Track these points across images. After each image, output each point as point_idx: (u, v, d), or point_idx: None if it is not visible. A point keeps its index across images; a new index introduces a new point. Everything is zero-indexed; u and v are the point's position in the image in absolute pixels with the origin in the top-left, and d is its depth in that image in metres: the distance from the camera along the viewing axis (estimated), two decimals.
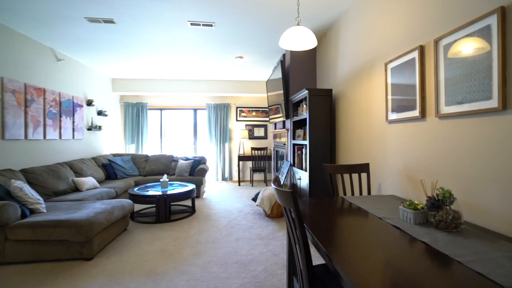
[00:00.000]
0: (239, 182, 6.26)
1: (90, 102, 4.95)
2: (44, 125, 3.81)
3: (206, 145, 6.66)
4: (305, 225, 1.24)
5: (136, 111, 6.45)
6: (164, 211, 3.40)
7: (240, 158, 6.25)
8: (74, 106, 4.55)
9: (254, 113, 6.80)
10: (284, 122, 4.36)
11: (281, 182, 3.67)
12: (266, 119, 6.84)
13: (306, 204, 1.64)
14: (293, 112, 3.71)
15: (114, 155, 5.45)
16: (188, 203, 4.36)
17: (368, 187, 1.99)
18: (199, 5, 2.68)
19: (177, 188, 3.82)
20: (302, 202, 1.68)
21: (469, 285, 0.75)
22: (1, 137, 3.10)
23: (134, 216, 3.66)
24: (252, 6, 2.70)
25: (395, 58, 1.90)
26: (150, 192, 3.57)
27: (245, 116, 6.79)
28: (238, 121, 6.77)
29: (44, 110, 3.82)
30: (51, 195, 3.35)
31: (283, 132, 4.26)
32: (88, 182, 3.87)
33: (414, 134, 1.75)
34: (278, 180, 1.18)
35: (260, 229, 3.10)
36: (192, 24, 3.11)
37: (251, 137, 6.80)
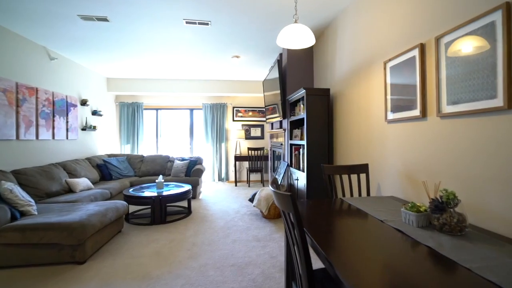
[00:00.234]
0: (236, 182, 6.21)
1: (84, 102, 4.86)
2: (36, 125, 3.72)
3: (202, 145, 6.60)
4: (304, 229, 1.20)
5: (131, 111, 6.37)
6: (159, 213, 3.34)
7: (236, 158, 6.20)
8: (68, 105, 4.45)
9: (250, 113, 6.75)
10: (281, 122, 4.32)
11: (278, 182, 3.63)
12: (263, 119, 6.80)
13: (304, 206, 1.60)
14: (290, 112, 3.67)
15: (109, 156, 5.37)
16: (184, 204, 4.30)
17: (367, 188, 1.96)
18: (195, 3, 2.63)
19: (172, 189, 3.76)
20: (300, 204, 1.64)
21: None
22: None
23: (129, 217, 3.59)
24: (248, 5, 2.66)
25: (395, 56, 1.87)
26: (145, 193, 3.50)
27: (241, 116, 6.74)
28: (234, 121, 6.72)
29: (36, 110, 3.73)
30: (44, 197, 3.26)
31: (280, 132, 4.22)
32: (81, 183, 3.79)
33: (414, 134, 1.72)
34: (276, 182, 1.13)
35: (257, 230, 3.06)
36: (187, 22, 3.05)
37: (248, 137, 6.75)
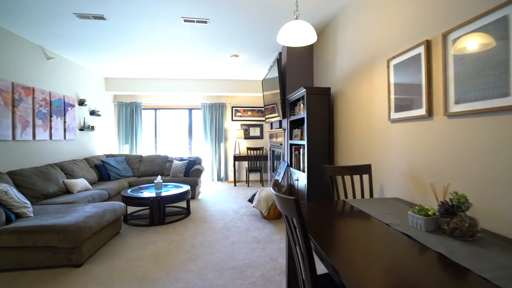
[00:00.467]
0: (235, 182, 6.17)
1: (82, 102, 4.81)
2: (33, 125, 3.68)
3: (201, 145, 6.56)
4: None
5: (130, 111, 6.32)
6: (158, 214, 3.31)
7: (235, 158, 6.17)
8: (66, 105, 4.41)
9: (249, 112, 6.72)
10: (280, 121, 4.29)
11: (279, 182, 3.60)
12: (262, 119, 6.77)
13: (306, 208, 1.57)
14: (290, 111, 3.64)
15: (108, 156, 5.32)
16: (183, 205, 4.27)
17: (370, 189, 1.93)
18: (193, 0, 2.58)
19: (171, 189, 3.73)
20: (302, 206, 1.61)
21: None
22: None
23: (128, 218, 3.55)
24: (247, 2, 2.62)
25: (399, 54, 1.83)
26: (144, 194, 3.47)
27: (240, 115, 6.71)
28: (233, 120, 6.69)
29: (33, 110, 3.68)
30: (41, 198, 3.22)
31: (280, 132, 4.19)
32: (79, 184, 3.75)
33: (419, 134, 1.68)
34: (278, 184, 1.09)
35: (257, 231, 3.03)
36: (185, 20, 3.01)
37: (247, 137, 6.71)
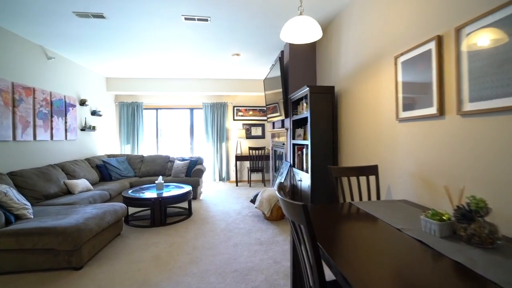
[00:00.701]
0: (237, 182, 6.13)
1: (83, 102, 4.79)
2: (34, 125, 3.65)
3: (203, 145, 6.52)
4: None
5: (131, 111, 6.29)
6: (159, 215, 3.27)
7: (237, 158, 6.12)
8: (67, 106, 4.38)
9: (251, 112, 6.66)
10: (283, 121, 4.23)
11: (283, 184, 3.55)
12: (264, 118, 6.71)
13: (311, 210, 1.51)
14: (292, 110, 3.58)
15: (109, 156, 5.30)
16: (184, 205, 4.23)
17: (377, 191, 1.87)
18: None
19: (173, 190, 3.69)
20: None
21: None
22: None
23: (129, 219, 3.52)
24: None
25: (407, 51, 1.76)
26: (145, 194, 3.43)
27: (242, 115, 6.66)
28: (235, 120, 6.64)
29: (34, 110, 3.65)
30: (41, 199, 3.19)
31: (282, 131, 4.14)
32: (80, 184, 3.72)
33: (430, 133, 1.60)
34: (283, 188, 1.04)
35: (259, 233, 2.98)
36: (186, 18, 2.96)
37: (249, 136, 6.66)
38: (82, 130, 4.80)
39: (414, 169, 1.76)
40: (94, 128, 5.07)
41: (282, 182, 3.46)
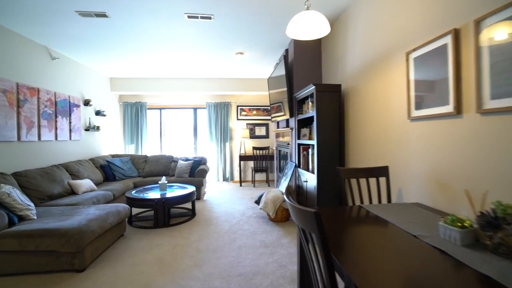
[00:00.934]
0: (241, 182, 6.08)
1: (87, 102, 4.79)
2: (38, 126, 3.65)
3: (206, 144, 6.49)
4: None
5: (135, 111, 6.29)
6: (162, 216, 3.23)
7: (241, 158, 6.07)
8: (71, 106, 4.38)
9: (255, 111, 6.60)
10: (287, 120, 4.16)
11: (285, 186, 3.47)
12: (268, 118, 6.64)
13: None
14: (297, 110, 3.51)
15: (113, 156, 5.29)
16: (188, 206, 4.19)
17: (387, 194, 1.79)
18: None
19: (176, 190, 3.65)
20: None
21: None
22: None
23: (133, 220, 3.50)
24: None
25: (420, 46, 1.67)
26: (148, 195, 3.40)
27: (245, 114, 6.60)
28: (239, 120, 6.58)
29: (38, 111, 3.65)
30: (45, 199, 3.19)
31: (287, 131, 4.07)
32: (84, 184, 3.71)
33: (446, 133, 1.51)
34: (292, 192, 0.97)
35: (264, 235, 2.92)
36: (189, 16, 2.91)
37: (252, 136, 6.60)
38: (86, 130, 4.81)
39: (427, 170, 1.67)
40: (98, 128, 5.07)
41: (291, 185, 3.37)
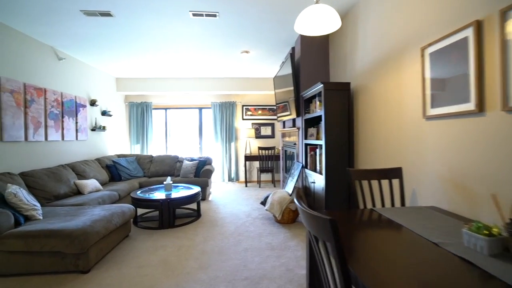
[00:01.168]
0: (246, 183, 6.02)
1: (93, 102, 4.81)
2: (45, 126, 3.67)
3: (211, 144, 6.46)
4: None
5: (140, 111, 6.30)
6: (167, 216, 3.20)
7: (246, 158, 6.02)
8: (77, 106, 4.40)
9: (260, 111, 6.54)
10: (294, 120, 4.08)
11: (292, 187, 3.40)
12: (273, 117, 6.57)
13: None
14: (304, 109, 3.43)
15: (119, 156, 5.31)
16: (193, 206, 4.16)
17: (401, 196, 1.70)
18: None
19: (181, 191, 3.62)
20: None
21: None
22: None
23: (138, 220, 3.48)
24: None
25: (436, 40, 1.58)
26: (153, 195, 3.38)
27: (251, 114, 6.54)
28: (244, 119, 6.53)
29: (45, 111, 3.67)
30: (52, 199, 3.19)
31: (293, 131, 3.99)
32: (90, 184, 3.71)
33: (466, 132, 1.42)
34: (302, 196, 0.91)
35: (270, 237, 2.86)
36: (194, 14, 2.87)
37: (258, 136, 6.55)
38: (93, 130, 4.83)
39: (445, 172, 1.58)
40: (104, 128, 5.09)
41: (300, 188, 3.30)
